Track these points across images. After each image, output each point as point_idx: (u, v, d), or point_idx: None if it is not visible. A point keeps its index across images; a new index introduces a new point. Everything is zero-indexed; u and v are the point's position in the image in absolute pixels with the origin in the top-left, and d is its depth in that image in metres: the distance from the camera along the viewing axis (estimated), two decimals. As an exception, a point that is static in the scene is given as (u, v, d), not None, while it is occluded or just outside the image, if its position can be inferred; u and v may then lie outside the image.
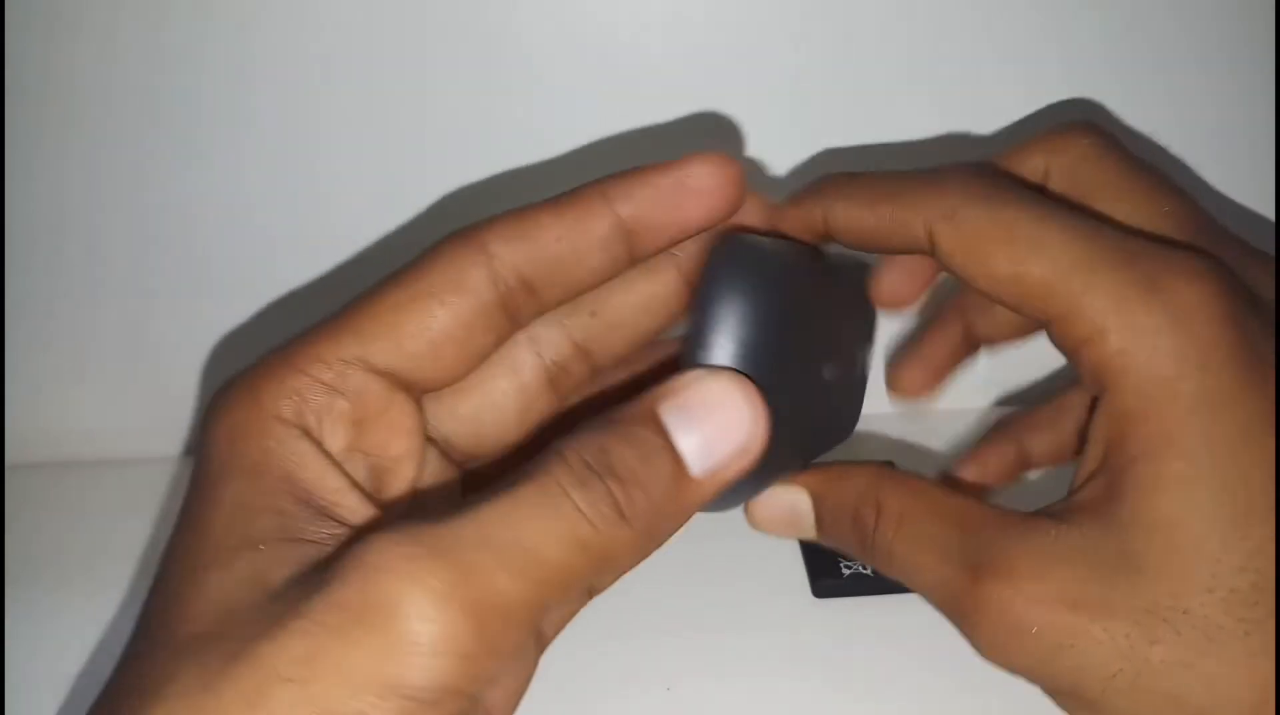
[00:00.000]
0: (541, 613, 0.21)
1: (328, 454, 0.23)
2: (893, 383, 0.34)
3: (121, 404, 0.46)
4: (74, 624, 0.38)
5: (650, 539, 0.23)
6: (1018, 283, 0.24)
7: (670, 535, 0.23)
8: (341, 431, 0.23)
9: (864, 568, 0.39)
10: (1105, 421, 0.24)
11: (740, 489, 0.26)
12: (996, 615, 0.24)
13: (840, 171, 0.28)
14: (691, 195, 0.25)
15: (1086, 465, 0.25)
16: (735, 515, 0.43)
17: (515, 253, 0.24)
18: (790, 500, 0.29)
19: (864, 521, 0.27)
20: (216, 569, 0.21)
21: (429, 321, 0.24)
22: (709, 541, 0.42)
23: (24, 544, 0.42)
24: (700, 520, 0.42)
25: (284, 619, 0.20)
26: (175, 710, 0.19)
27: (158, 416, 0.46)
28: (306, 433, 0.23)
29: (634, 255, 0.25)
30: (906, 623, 0.38)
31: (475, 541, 0.20)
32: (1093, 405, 0.25)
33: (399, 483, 0.25)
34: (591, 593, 0.27)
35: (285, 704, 0.19)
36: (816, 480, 0.28)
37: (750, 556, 0.41)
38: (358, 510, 0.23)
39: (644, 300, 0.28)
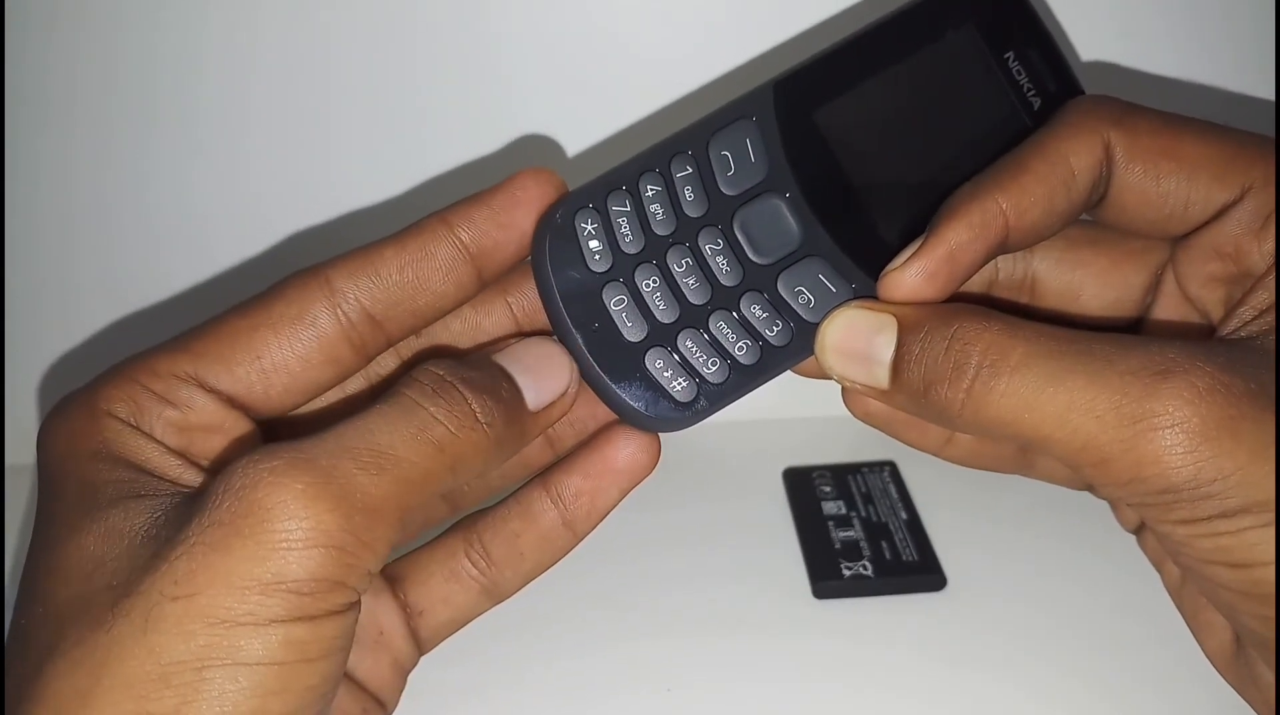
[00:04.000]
0: (407, 511, 0.22)
1: (165, 446, 0.24)
2: (885, 281, 0.26)
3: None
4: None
5: (499, 447, 0.24)
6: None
7: (514, 452, 0.25)
8: (173, 435, 0.25)
9: (864, 569, 0.39)
10: None
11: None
12: (1198, 419, 0.22)
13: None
14: (522, 206, 0.27)
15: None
16: (734, 518, 0.43)
17: (359, 287, 0.26)
18: (872, 324, 0.26)
19: (964, 362, 0.24)
20: (73, 539, 0.22)
21: (262, 350, 0.25)
22: (710, 543, 0.42)
23: (24, 544, 0.42)
24: (701, 521, 0.43)
25: (162, 550, 0.21)
26: (75, 659, 0.20)
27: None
28: (139, 429, 0.24)
29: (483, 277, 0.27)
30: (906, 623, 0.38)
31: (334, 451, 0.22)
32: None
33: None
34: (448, 499, 0.30)
35: (175, 621, 0.20)
36: (908, 308, 0.26)
37: (751, 557, 0.41)
38: (197, 481, 0.24)
39: (469, 328, 0.29)
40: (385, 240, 0.26)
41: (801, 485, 0.44)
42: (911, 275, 0.25)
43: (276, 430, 0.28)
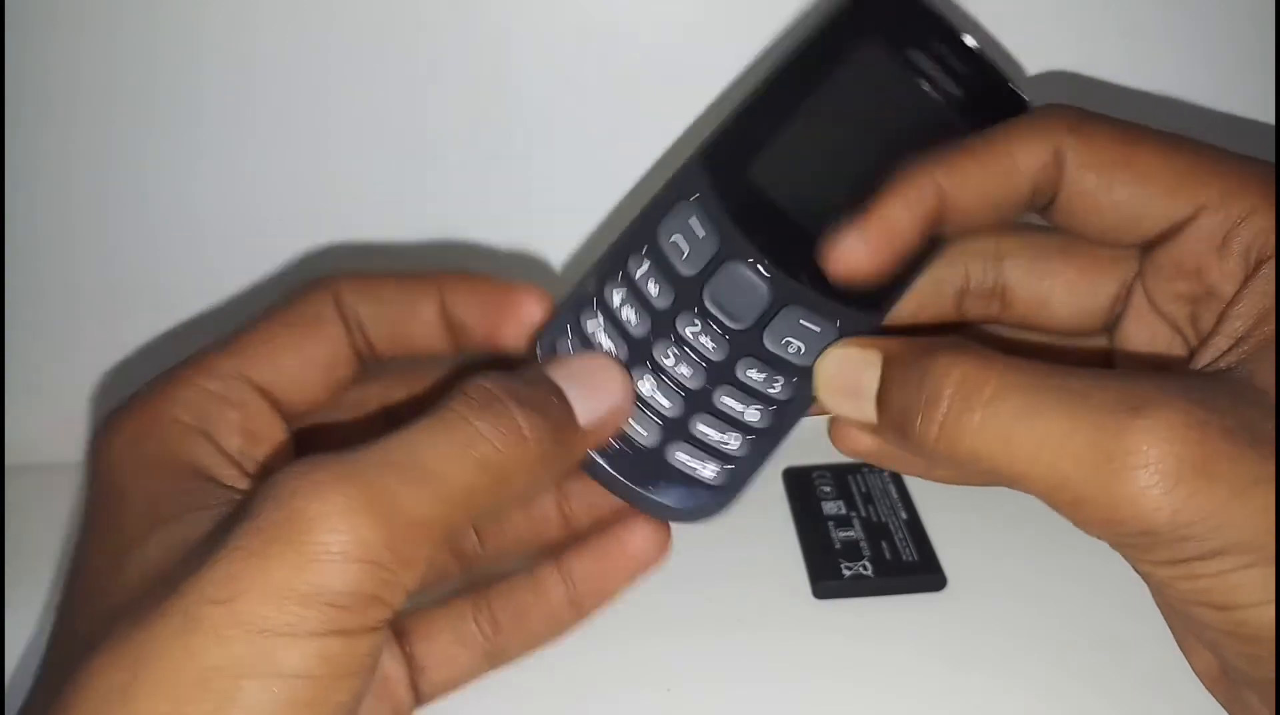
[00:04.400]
0: (449, 529, 0.22)
1: (225, 451, 0.25)
2: (828, 256, 0.26)
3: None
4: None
5: (545, 466, 0.24)
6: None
7: (561, 472, 0.25)
8: (236, 439, 0.25)
9: (864, 569, 0.39)
10: None
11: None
12: (1174, 458, 0.21)
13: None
14: (508, 314, 0.28)
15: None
16: (735, 518, 0.43)
17: (360, 304, 0.27)
18: (861, 360, 0.26)
19: (937, 396, 0.24)
20: (135, 550, 0.23)
21: (300, 343, 0.27)
22: (710, 543, 0.42)
23: (24, 544, 0.42)
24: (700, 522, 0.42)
25: (206, 556, 0.21)
26: (115, 654, 0.20)
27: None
28: (204, 433, 0.25)
29: (459, 346, 0.28)
30: (906, 623, 0.38)
31: (379, 464, 0.22)
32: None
33: None
34: (459, 557, 0.30)
35: (214, 625, 0.20)
36: (894, 342, 0.26)
37: (751, 557, 0.41)
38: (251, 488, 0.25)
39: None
40: (390, 275, 0.28)
41: (801, 485, 0.44)
42: (849, 246, 0.25)
43: (308, 444, 0.28)
